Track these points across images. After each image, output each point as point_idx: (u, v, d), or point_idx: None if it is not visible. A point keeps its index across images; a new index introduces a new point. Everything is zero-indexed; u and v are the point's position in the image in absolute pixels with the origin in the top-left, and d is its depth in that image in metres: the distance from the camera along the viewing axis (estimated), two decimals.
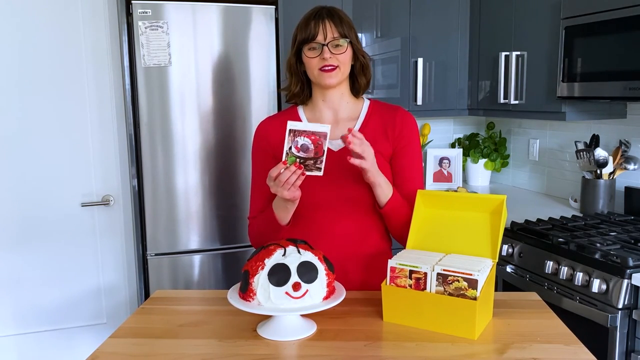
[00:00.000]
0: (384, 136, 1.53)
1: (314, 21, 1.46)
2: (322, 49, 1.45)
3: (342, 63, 1.48)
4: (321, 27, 1.46)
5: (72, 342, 2.57)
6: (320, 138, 1.29)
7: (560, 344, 1.18)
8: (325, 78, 1.48)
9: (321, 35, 1.45)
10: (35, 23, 2.36)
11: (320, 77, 1.48)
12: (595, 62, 2.18)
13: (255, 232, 1.58)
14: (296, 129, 1.29)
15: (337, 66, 1.47)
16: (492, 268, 1.28)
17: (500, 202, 1.33)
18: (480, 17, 2.97)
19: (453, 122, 3.56)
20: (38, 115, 2.41)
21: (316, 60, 1.47)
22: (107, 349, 1.20)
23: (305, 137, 1.30)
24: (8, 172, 2.41)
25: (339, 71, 1.48)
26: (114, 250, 2.60)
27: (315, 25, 1.46)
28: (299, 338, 1.22)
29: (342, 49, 1.47)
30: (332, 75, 1.47)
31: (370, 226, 1.54)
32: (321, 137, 1.29)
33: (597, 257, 1.89)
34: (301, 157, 1.31)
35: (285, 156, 1.31)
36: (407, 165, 1.54)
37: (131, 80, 2.54)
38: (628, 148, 2.44)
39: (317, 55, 1.46)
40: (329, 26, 1.46)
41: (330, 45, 1.45)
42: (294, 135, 1.30)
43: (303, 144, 1.30)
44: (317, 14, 1.48)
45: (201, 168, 2.56)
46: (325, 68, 1.47)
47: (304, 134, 1.29)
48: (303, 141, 1.30)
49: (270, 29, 2.58)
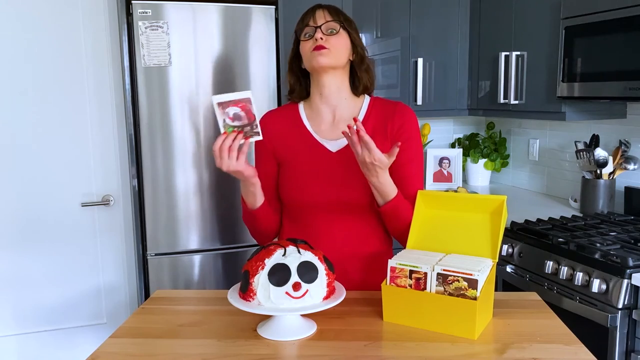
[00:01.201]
0: (383, 134, 1.51)
1: (310, 11, 1.50)
2: (315, 30, 1.46)
3: (334, 47, 1.46)
4: (316, 14, 1.49)
5: (72, 342, 2.57)
6: (246, 104, 1.32)
7: (560, 344, 1.18)
8: (316, 56, 1.45)
9: (314, 21, 1.48)
10: (35, 23, 2.36)
11: (312, 57, 1.46)
12: (595, 62, 2.18)
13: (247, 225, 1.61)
14: (222, 100, 1.32)
15: (329, 48, 1.46)
16: (492, 268, 1.28)
17: (501, 203, 1.33)
18: (480, 17, 2.97)
19: (453, 122, 3.56)
20: (38, 115, 2.41)
21: (309, 43, 1.47)
22: (107, 349, 1.20)
23: (233, 106, 1.32)
24: (8, 172, 2.41)
25: (330, 52, 1.46)
26: (114, 250, 2.60)
27: (311, 12, 1.50)
28: (299, 338, 1.22)
29: (335, 33, 1.47)
30: (323, 53, 1.45)
31: (370, 226, 1.53)
32: (247, 102, 1.32)
33: (597, 257, 1.89)
34: (237, 125, 1.33)
35: (223, 129, 1.33)
36: (408, 163, 1.50)
37: (131, 80, 2.54)
38: (628, 148, 2.44)
39: (310, 39, 1.48)
40: (323, 12, 1.49)
41: (323, 27, 1.47)
42: (223, 107, 1.32)
43: (234, 113, 1.33)
44: (314, 5, 1.52)
45: (201, 168, 2.56)
46: (316, 48, 1.46)
47: (231, 104, 1.32)
48: (233, 111, 1.33)
49: (270, 29, 2.58)
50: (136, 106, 2.48)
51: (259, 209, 1.50)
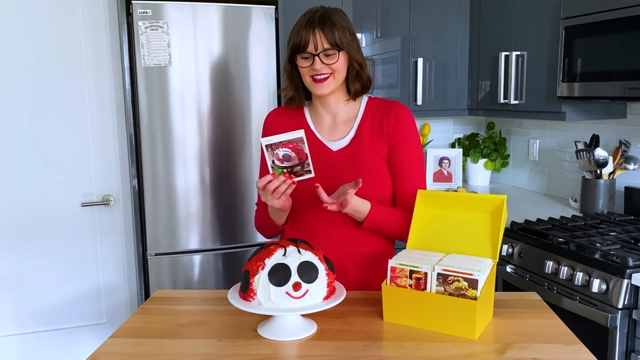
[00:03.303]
0: (380, 135, 1.52)
1: (304, 30, 1.44)
2: (314, 59, 1.44)
3: (335, 71, 1.46)
4: (312, 37, 1.43)
5: (72, 342, 2.57)
6: (298, 144, 1.29)
7: (561, 344, 1.18)
8: (317, 88, 1.47)
9: (312, 46, 1.43)
10: (35, 23, 2.36)
11: (312, 87, 1.49)
12: (595, 62, 2.18)
13: (258, 222, 1.65)
14: (271, 143, 1.29)
15: (329, 74, 1.46)
16: (492, 268, 1.28)
17: (501, 202, 1.33)
18: (480, 17, 2.97)
19: (453, 122, 3.56)
20: (38, 115, 2.41)
21: (308, 69, 1.46)
22: (107, 349, 1.20)
23: (283, 147, 1.30)
24: (8, 172, 2.41)
25: (332, 79, 1.47)
26: (114, 250, 2.60)
27: (306, 34, 1.43)
28: (299, 338, 1.22)
29: (333, 58, 1.44)
30: (324, 85, 1.46)
31: None
32: (298, 142, 1.29)
33: (597, 257, 1.89)
34: (286, 166, 1.31)
35: (272, 170, 1.31)
36: (405, 162, 1.52)
37: (131, 81, 2.54)
38: (628, 148, 2.44)
39: (309, 65, 1.45)
40: (319, 36, 1.43)
41: (321, 55, 1.43)
42: (272, 149, 1.29)
43: (284, 154, 1.30)
44: (308, 21, 1.44)
45: (201, 168, 2.56)
46: (317, 78, 1.45)
47: (281, 145, 1.29)
48: (283, 152, 1.30)
49: (270, 29, 2.58)
50: (136, 106, 2.48)
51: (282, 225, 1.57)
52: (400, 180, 1.52)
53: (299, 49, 1.45)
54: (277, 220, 1.54)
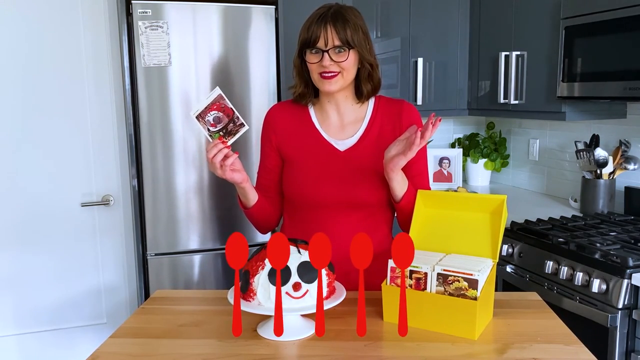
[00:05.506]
0: (391, 133, 1.52)
1: (316, 25, 1.42)
2: (323, 55, 1.42)
3: (345, 69, 1.44)
4: (322, 32, 1.41)
5: (72, 342, 2.57)
6: (220, 102, 1.33)
7: (561, 344, 1.18)
8: (325, 85, 1.45)
9: (322, 41, 1.41)
10: (35, 23, 2.36)
11: (320, 83, 1.47)
12: (595, 62, 2.18)
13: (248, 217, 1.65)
14: (199, 112, 1.33)
15: (338, 72, 1.44)
16: (492, 268, 1.28)
17: (501, 202, 1.33)
18: (480, 17, 2.97)
19: (453, 122, 3.56)
20: (38, 115, 2.41)
21: (316, 65, 1.44)
22: (107, 349, 1.20)
23: (210, 111, 1.33)
24: (8, 172, 2.41)
25: (341, 77, 1.45)
26: (114, 250, 2.60)
27: (317, 29, 1.41)
28: (299, 338, 1.22)
29: (343, 56, 1.42)
30: (332, 82, 1.44)
31: (372, 226, 1.54)
32: (219, 100, 1.33)
33: (597, 257, 1.89)
34: (220, 128, 1.34)
35: (211, 139, 1.35)
36: (417, 162, 1.51)
37: (131, 80, 2.53)
38: (628, 148, 2.44)
39: (317, 60, 1.43)
40: (331, 32, 1.41)
41: (331, 52, 1.41)
42: (202, 117, 1.33)
43: (214, 117, 1.34)
44: (321, 16, 1.43)
45: (201, 168, 2.56)
46: (325, 75, 1.44)
47: (207, 110, 1.33)
48: (213, 116, 1.34)
49: (270, 29, 2.57)
50: (136, 106, 2.48)
51: (252, 207, 1.55)
52: (413, 179, 1.51)
53: (309, 43, 1.43)
54: (245, 200, 1.53)
